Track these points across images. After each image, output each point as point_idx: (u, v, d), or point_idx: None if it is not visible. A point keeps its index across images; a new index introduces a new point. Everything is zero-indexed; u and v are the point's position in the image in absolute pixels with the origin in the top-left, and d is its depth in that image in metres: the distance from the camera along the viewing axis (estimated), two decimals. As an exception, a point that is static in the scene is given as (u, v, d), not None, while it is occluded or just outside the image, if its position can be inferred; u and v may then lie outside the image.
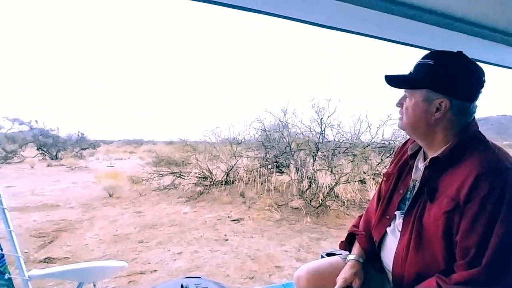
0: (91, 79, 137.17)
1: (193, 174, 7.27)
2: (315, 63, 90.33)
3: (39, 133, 15.53)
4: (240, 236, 4.07)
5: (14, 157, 14.21)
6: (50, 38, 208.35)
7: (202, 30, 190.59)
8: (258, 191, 6.37)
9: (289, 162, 7.12)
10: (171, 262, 3.16)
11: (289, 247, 3.73)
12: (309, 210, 5.20)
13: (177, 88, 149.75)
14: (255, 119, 7.89)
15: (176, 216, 5.07)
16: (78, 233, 4.16)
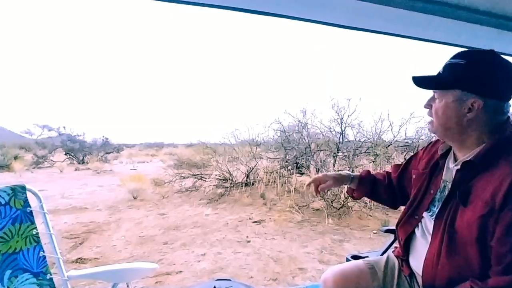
0: (114, 85, 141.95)
1: (214, 176, 7.37)
2: (334, 62, 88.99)
3: (67, 138, 16.26)
4: (262, 238, 4.09)
5: (45, 162, 14.94)
6: (78, 49, 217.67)
7: (222, 33, 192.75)
8: (279, 192, 6.37)
9: (309, 163, 7.07)
10: (196, 263, 3.22)
11: (311, 249, 3.71)
12: (330, 211, 5.15)
13: (196, 91, 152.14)
14: (274, 121, 7.91)
15: (198, 218, 5.16)
16: (106, 235, 4.33)
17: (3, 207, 1.27)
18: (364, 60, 67.85)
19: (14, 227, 1.29)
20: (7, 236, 1.26)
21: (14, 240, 1.28)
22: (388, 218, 4.90)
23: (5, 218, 1.27)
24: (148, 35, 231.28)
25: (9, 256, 1.25)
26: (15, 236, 1.28)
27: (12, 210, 1.30)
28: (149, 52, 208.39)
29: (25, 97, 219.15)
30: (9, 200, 1.30)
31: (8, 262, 1.23)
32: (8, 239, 1.26)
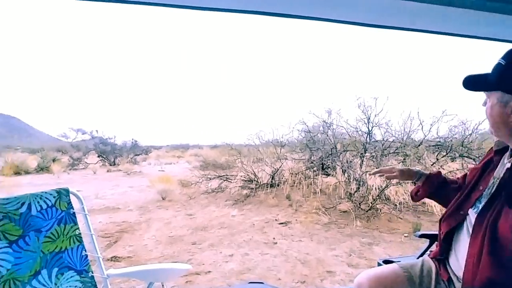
0: (142, 89, 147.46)
1: (239, 177, 7.44)
2: (360, 61, 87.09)
3: (99, 141, 17.08)
4: (288, 240, 4.08)
5: (80, 164, 15.78)
6: (109, 56, 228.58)
7: (248, 35, 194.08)
8: (304, 193, 6.32)
9: (335, 164, 6.95)
10: (224, 264, 3.27)
11: (339, 251, 3.65)
12: (358, 213, 5.03)
13: (221, 93, 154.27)
14: (299, 121, 7.86)
15: (225, 218, 5.23)
16: (138, 234, 4.50)
17: (50, 208, 1.36)
18: (391, 58, 65.75)
19: (59, 228, 1.38)
20: (53, 236, 1.35)
21: (60, 240, 1.37)
22: (420, 221, 4.71)
23: (51, 219, 1.36)
24: (174, 39, 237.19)
25: (56, 254, 1.33)
26: (61, 236, 1.37)
27: (57, 212, 1.39)
28: (176, 56, 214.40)
29: (61, 102, 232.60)
30: (55, 202, 1.39)
31: (55, 260, 1.32)
32: (54, 239, 1.35)
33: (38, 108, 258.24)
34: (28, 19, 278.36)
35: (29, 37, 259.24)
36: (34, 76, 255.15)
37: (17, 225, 1.23)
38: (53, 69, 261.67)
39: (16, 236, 1.22)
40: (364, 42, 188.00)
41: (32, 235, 1.27)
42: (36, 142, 75.42)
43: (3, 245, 1.17)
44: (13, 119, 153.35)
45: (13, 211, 1.23)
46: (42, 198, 1.35)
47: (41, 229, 1.31)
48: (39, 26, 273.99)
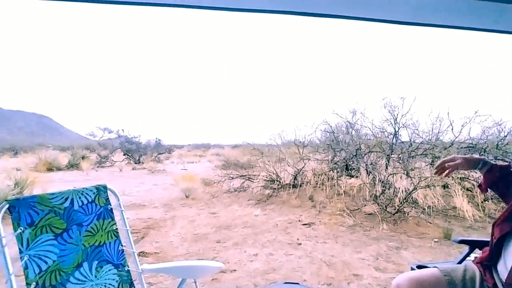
0: (164, 88, 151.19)
1: (261, 177, 7.44)
2: (386, 60, 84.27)
3: (125, 140, 17.66)
4: (313, 241, 4.03)
5: (107, 161, 16.39)
6: (133, 57, 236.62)
7: (270, 34, 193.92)
8: (328, 195, 6.22)
9: (359, 165, 6.80)
10: (249, 263, 3.28)
11: (365, 255, 3.56)
12: (384, 216, 4.89)
13: (242, 93, 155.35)
14: (322, 121, 7.75)
15: (248, 218, 5.25)
16: (164, 231, 4.61)
17: (90, 204, 1.42)
18: (420, 56, 62.99)
19: (98, 223, 1.43)
20: (93, 230, 1.40)
21: (99, 234, 1.42)
22: (451, 227, 4.51)
23: (91, 214, 1.41)
24: (198, 39, 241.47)
25: (96, 248, 1.39)
26: (100, 231, 1.43)
27: (97, 207, 1.45)
28: (199, 56, 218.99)
29: (90, 102, 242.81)
30: (94, 198, 1.45)
31: (95, 254, 1.38)
32: (94, 233, 1.40)
33: (67, 107, 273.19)
34: (60, 25, 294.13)
35: (60, 41, 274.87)
36: (64, 77, 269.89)
37: (61, 219, 1.29)
38: (82, 70, 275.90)
39: (61, 229, 1.28)
40: (392, 40, 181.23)
41: (74, 229, 1.33)
42: (66, 140, 79.19)
43: (50, 238, 1.23)
44: (45, 118, 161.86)
45: (58, 206, 1.30)
46: (83, 194, 1.41)
47: (82, 223, 1.37)
48: (69, 31, 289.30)
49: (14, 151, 26.37)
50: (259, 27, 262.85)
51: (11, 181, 5.82)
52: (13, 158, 20.39)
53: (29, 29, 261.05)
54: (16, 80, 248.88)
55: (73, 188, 1.44)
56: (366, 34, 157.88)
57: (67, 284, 1.24)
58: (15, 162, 15.41)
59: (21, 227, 1.16)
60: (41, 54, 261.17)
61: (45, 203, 1.26)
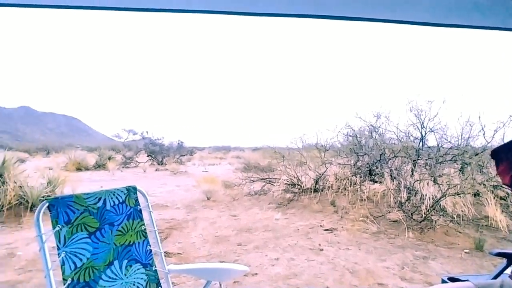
0: (187, 92, 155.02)
1: (282, 180, 7.41)
2: (413, 63, 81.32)
3: (149, 142, 18.17)
4: (335, 247, 3.96)
5: (131, 162, 16.93)
6: (157, 62, 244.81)
7: (292, 36, 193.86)
8: (350, 200, 6.09)
9: (383, 170, 6.62)
10: (270, 267, 3.27)
11: (390, 263, 3.45)
12: (410, 224, 4.72)
13: (263, 96, 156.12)
14: (345, 125, 7.62)
15: (268, 221, 5.24)
16: (186, 232, 4.68)
17: (121, 204, 1.47)
18: (449, 59, 60.16)
19: (128, 223, 1.48)
20: (124, 230, 1.45)
21: (129, 234, 1.47)
22: (483, 237, 4.28)
23: (122, 214, 1.46)
24: (219, 43, 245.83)
25: (126, 247, 1.43)
26: (129, 230, 1.48)
27: (127, 208, 1.50)
28: (220, 59, 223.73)
29: (116, 105, 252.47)
30: (125, 199, 1.50)
31: (125, 253, 1.42)
32: (124, 233, 1.45)
33: (95, 110, 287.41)
34: (90, 31, 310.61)
35: (90, 47, 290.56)
36: (93, 80, 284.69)
37: (95, 218, 1.35)
38: (110, 74, 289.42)
39: (94, 228, 1.33)
40: (420, 42, 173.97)
41: (106, 228, 1.38)
42: (93, 141, 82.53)
43: (84, 236, 1.29)
44: (74, 120, 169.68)
45: (92, 205, 1.35)
46: (114, 195, 1.47)
47: (114, 223, 1.42)
48: (98, 38, 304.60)
49: (46, 151, 27.85)
50: (282, 30, 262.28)
51: (45, 180, 6.14)
52: (45, 158, 21.52)
53: (60, 37, 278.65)
54: (48, 83, 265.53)
55: (101, 187, 1.50)
56: (392, 36, 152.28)
57: (99, 281, 1.28)
58: (47, 162, 16.24)
59: (59, 225, 1.22)
60: (71, 59, 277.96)
61: (81, 203, 1.32)
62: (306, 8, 1.41)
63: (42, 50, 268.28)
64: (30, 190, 5.39)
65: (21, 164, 6.86)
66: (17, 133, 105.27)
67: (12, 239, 4.22)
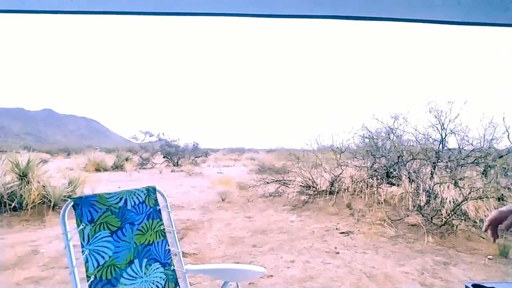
0: (201, 93, 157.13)
1: (297, 182, 7.37)
2: (432, 62, 78.94)
3: (165, 143, 18.48)
4: (351, 250, 3.90)
5: (148, 163, 17.25)
6: (173, 64, 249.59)
7: (307, 38, 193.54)
8: (367, 203, 5.99)
9: (401, 173, 6.47)
10: (285, 270, 3.25)
11: (409, 268, 3.36)
12: (430, 228, 4.59)
13: (277, 97, 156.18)
14: (361, 127, 7.51)
15: (283, 223, 5.21)
16: (201, 233, 4.73)
17: (141, 204, 1.50)
18: (471, 58, 57.80)
19: (148, 222, 1.51)
20: (143, 229, 1.48)
21: (148, 234, 1.50)
22: (508, 243, 4.10)
23: (142, 214, 1.49)
24: (233, 44, 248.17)
25: (145, 247, 1.46)
26: (149, 230, 1.50)
27: (147, 208, 1.53)
28: (233, 60, 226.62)
29: (133, 107, 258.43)
30: (145, 199, 1.53)
31: (145, 252, 1.45)
32: (144, 232, 1.48)
33: (113, 112, 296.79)
34: (107, 37, 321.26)
35: (104, 50, 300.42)
36: (110, 82, 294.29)
37: (116, 217, 1.38)
38: (126, 76, 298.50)
39: (116, 227, 1.37)
40: (438, 40, 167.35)
41: (127, 227, 1.41)
42: (111, 142, 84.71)
43: (106, 235, 1.32)
44: (94, 122, 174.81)
45: (114, 205, 1.39)
46: (135, 195, 1.50)
47: (134, 222, 1.45)
48: (112, 41, 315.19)
49: (67, 152, 28.79)
50: (298, 30, 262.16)
51: (66, 180, 6.35)
52: (66, 159, 22.24)
53: (80, 42, 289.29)
54: (69, 86, 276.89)
55: (118, 188, 1.53)
56: (411, 35, 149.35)
57: (121, 279, 1.31)
58: (68, 162, 16.78)
59: (83, 223, 1.26)
60: (91, 62, 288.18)
61: (103, 202, 1.35)
62: (323, 9, 1.41)
63: (64, 55, 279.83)
64: (53, 190, 5.58)
65: (43, 165, 7.12)
66: (39, 135, 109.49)
67: (36, 236, 4.38)
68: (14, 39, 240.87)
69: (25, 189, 5.37)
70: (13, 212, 5.25)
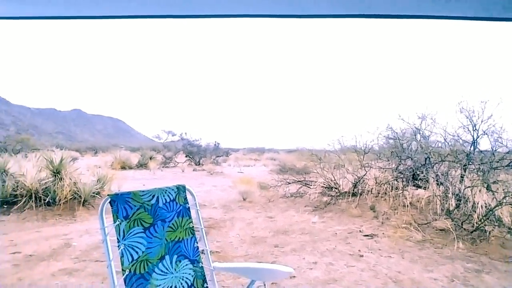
0: (222, 94, 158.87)
1: (319, 183, 7.29)
2: (464, 60, 75.04)
3: (187, 143, 18.85)
4: (376, 254, 3.81)
5: (170, 162, 17.67)
6: (192, 65, 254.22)
7: (330, 36, 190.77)
8: (392, 205, 5.82)
9: (428, 175, 6.23)
10: (308, 271, 3.23)
11: (438, 275, 3.24)
12: (460, 233, 4.40)
13: (298, 97, 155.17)
14: (386, 127, 7.32)
15: (305, 224, 5.18)
16: (223, 231, 4.79)
17: (172, 202, 1.55)
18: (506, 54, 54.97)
19: (178, 220, 1.55)
20: (174, 227, 1.52)
21: (178, 231, 1.54)
22: (547, 251, 3.86)
23: (173, 212, 1.54)
24: (254, 45, 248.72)
25: (175, 243, 1.51)
26: (179, 227, 1.55)
27: (177, 205, 1.57)
28: (255, 60, 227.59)
29: (156, 107, 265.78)
30: (175, 197, 1.58)
31: (175, 248, 1.49)
32: (174, 229, 1.52)
33: (137, 111, 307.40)
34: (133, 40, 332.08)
35: (127, 53, 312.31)
36: (135, 83, 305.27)
37: (149, 214, 1.43)
38: (150, 77, 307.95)
39: (149, 223, 1.42)
40: (470, 37, 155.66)
41: (159, 224, 1.46)
42: (135, 142, 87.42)
43: (140, 231, 1.38)
44: (119, 122, 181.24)
45: (147, 202, 1.44)
46: (166, 193, 1.55)
47: (165, 219, 1.50)
48: (135, 44, 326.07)
49: (94, 151, 30.03)
50: (320, 30, 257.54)
51: (95, 177, 6.63)
52: (94, 157, 23.20)
53: (105, 46, 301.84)
54: (97, 87, 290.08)
55: (143, 185, 1.58)
56: (441, 33, 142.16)
57: (153, 274, 1.36)
58: (95, 160, 17.49)
59: (119, 219, 1.32)
60: (116, 64, 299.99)
61: (137, 199, 1.41)
62: (351, 8, 1.39)
63: (92, 58, 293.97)
64: (83, 187, 5.85)
65: (74, 163, 7.48)
66: (70, 134, 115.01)
67: (68, 230, 4.61)
68: (47, 44, 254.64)
69: (58, 185, 5.66)
70: (47, 206, 5.55)
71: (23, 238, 4.24)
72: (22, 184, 5.55)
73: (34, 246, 3.88)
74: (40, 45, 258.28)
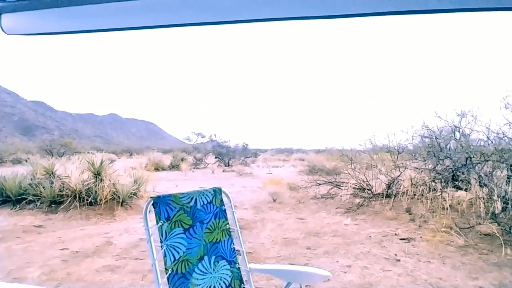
0: (250, 96, 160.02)
1: (350, 184, 7.12)
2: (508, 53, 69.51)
3: (216, 144, 19.22)
4: (413, 259, 3.65)
5: (201, 163, 18.10)
6: (221, 69, 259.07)
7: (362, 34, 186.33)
8: (429, 208, 5.55)
9: (469, 176, 5.87)
10: (342, 274, 3.17)
11: (484, 282, 3.04)
12: (508, 239, 4.09)
13: (327, 97, 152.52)
14: (421, 126, 6.99)
15: (337, 226, 5.08)
16: (255, 232, 4.82)
17: (209, 204, 1.60)
18: (549, 42, 49.22)
19: (215, 221, 1.60)
20: (211, 228, 1.57)
21: (216, 232, 1.59)
22: None
23: (210, 213, 1.59)
24: (284, 49, 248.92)
25: (213, 244, 1.55)
26: (216, 229, 1.59)
27: (214, 207, 1.62)
28: (281, 61, 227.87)
29: (186, 109, 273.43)
30: (212, 199, 1.62)
31: (213, 249, 1.54)
32: (212, 230, 1.57)
33: (168, 114, 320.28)
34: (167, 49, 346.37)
35: (156, 60, 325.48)
36: (165, 87, 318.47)
37: (188, 216, 1.49)
38: (179, 81, 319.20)
39: (188, 225, 1.47)
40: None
41: (198, 226, 1.51)
42: (167, 144, 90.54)
43: (180, 232, 1.44)
44: (151, 125, 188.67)
45: (186, 204, 1.50)
46: (204, 195, 1.60)
47: (203, 221, 1.55)
48: (164, 52, 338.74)
49: (129, 153, 31.53)
50: (352, 29, 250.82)
51: (131, 178, 6.96)
52: (129, 159, 24.34)
53: (135, 55, 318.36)
54: (131, 92, 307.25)
55: (176, 186, 1.64)
56: (481, 25, 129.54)
57: (193, 274, 1.42)
58: (130, 162, 18.34)
59: (161, 220, 1.38)
60: (146, 70, 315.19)
61: (177, 202, 1.47)
62: (382, 6, 1.36)
63: (125, 66, 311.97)
64: (121, 188, 6.17)
65: (112, 165, 7.90)
66: (106, 137, 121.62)
67: (108, 229, 4.89)
68: (84, 55, 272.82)
69: (99, 186, 6.02)
70: (89, 206, 5.91)
71: (70, 235, 4.56)
72: (67, 185, 5.97)
73: (79, 243, 4.16)
74: (79, 56, 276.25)
